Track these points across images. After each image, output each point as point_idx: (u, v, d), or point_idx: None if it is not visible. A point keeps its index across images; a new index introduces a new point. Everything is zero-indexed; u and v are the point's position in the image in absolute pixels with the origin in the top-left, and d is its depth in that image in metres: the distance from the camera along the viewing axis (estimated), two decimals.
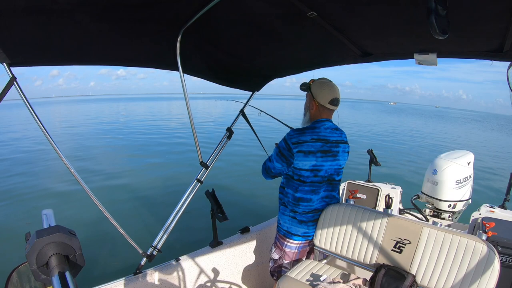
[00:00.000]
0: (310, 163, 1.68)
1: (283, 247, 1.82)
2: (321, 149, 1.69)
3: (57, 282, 0.54)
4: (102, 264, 3.85)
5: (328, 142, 1.72)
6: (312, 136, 1.68)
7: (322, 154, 1.70)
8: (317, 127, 1.72)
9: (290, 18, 1.40)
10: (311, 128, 1.72)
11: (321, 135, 1.70)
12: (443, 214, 3.28)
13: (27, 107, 1.33)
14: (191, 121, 1.79)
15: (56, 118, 30.37)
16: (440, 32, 0.75)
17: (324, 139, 1.71)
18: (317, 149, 1.68)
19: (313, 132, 1.70)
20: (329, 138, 1.72)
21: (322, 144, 1.69)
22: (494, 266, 1.29)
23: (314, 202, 1.76)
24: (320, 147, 1.69)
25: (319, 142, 1.69)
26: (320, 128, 1.72)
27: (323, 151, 1.70)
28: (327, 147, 1.71)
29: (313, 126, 1.73)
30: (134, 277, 1.77)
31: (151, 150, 11.62)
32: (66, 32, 1.22)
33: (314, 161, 1.68)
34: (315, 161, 1.69)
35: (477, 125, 40.65)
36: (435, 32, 0.76)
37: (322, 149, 1.69)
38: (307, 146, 1.66)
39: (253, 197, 6.35)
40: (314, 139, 1.68)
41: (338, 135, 1.77)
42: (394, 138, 17.57)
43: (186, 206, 1.93)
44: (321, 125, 1.73)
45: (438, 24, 0.74)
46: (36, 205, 5.73)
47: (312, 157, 1.67)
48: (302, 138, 1.67)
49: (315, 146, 1.67)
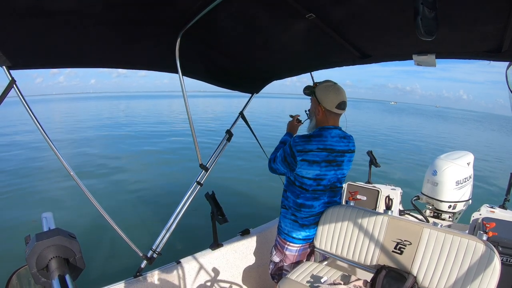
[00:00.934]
0: (313, 172, 1.64)
1: (284, 250, 1.81)
2: (326, 158, 1.64)
3: (57, 285, 0.54)
4: (102, 267, 3.84)
5: (334, 151, 1.66)
6: (318, 145, 1.62)
7: (326, 164, 1.65)
8: (324, 135, 1.65)
9: (289, 20, 1.40)
10: (318, 136, 1.65)
11: (328, 144, 1.64)
12: (443, 215, 3.27)
13: (26, 109, 1.33)
14: (191, 123, 1.79)
15: (56, 116, 30.34)
16: (424, 33, 0.76)
17: (331, 148, 1.65)
18: (322, 159, 1.63)
19: (320, 141, 1.63)
20: (335, 148, 1.66)
21: (328, 154, 1.64)
22: (494, 266, 1.29)
23: (316, 208, 1.74)
24: (325, 156, 1.63)
25: (325, 152, 1.63)
26: (327, 137, 1.65)
27: (328, 161, 1.65)
28: (332, 156, 1.66)
29: (319, 134, 1.66)
30: (134, 280, 1.76)
31: (151, 151, 11.61)
32: (65, 34, 1.23)
33: (318, 170, 1.64)
34: (319, 171, 1.65)
35: (477, 126, 40.68)
36: (420, 33, 0.77)
37: (327, 159, 1.65)
38: (312, 155, 1.61)
39: (253, 199, 6.35)
40: (320, 148, 1.62)
41: (345, 144, 1.71)
42: (394, 138, 17.60)
43: (186, 208, 1.93)
44: (328, 133, 1.67)
45: (424, 26, 0.75)
46: (35, 208, 5.71)
47: (316, 166, 1.63)
48: (308, 146, 1.61)
49: (320, 156, 1.62)
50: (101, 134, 16.36)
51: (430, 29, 0.76)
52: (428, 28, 0.76)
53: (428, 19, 0.75)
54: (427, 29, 0.76)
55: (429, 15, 0.74)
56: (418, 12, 0.74)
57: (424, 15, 0.74)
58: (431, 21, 0.76)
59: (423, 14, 0.74)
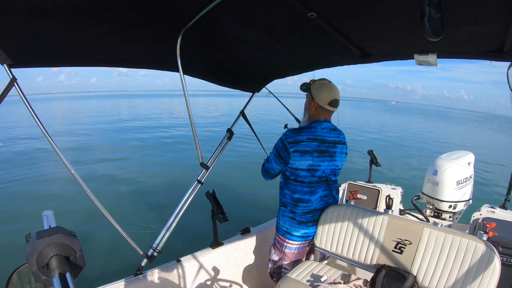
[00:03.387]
0: (306, 162, 1.68)
1: (283, 248, 1.82)
2: (317, 148, 1.69)
3: (58, 283, 0.54)
4: (103, 265, 3.85)
5: (325, 142, 1.71)
6: (308, 135, 1.68)
7: (318, 154, 1.69)
8: (313, 127, 1.72)
9: (290, 19, 1.40)
10: (308, 128, 1.72)
11: (318, 134, 1.70)
12: (444, 215, 3.27)
13: (27, 107, 1.33)
14: (192, 122, 1.80)
15: (57, 114, 30.35)
16: (432, 34, 0.77)
17: (321, 139, 1.70)
18: (314, 148, 1.68)
19: (310, 131, 1.70)
20: (326, 138, 1.72)
21: (319, 144, 1.69)
22: (494, 266, 1.29)
23: (313, 203, 1.76)
24: (316, 146, 1.68)
25: (315, 142, 1.68)
26: (317, 128, 1.72)
27: (320, 151, 1.69)
28: (324, 147, 1.70)
29: (310, 126, 1.73)
30: (134, 278, 1.77)
31: (151, 151, 11.62)
32: (66, 33, 1.23)
33: (310, 160, 1.68)
34: (312, 161, 1.68)
35: (478, 126, 40.60)
36: (427, 34, 0.77)
37: (319, 149, 1.69)
38: (303, 145, 1.67)
39: (254, 198, 6.35)
40: (310, 138, 1.68)
41: (336, 135, 1.77)
42: (395, 138, 17.57)
43: (186, 207, 1.93)
44: (318, 125, 1.73)
45: (431, 27, 0.75)
46: (36, 206, 5.72)
47: (308, 156, 1.67)
48: (298, 137, 1.67)
49: (311, 146, 1.67)
50: (100, 134, 16.35)
51: (436, 29, 0.77)
52: (434, 29, 0.76)
53: (434, 20, 0.75)
54: (434, 30, 0.76)
55: (435, 16, 0.75)
56: (425, 13, 0.74)
57: (431, 16, 0.74)
58: (438, 22, 0.76)
59: (430, 15, 0.74)
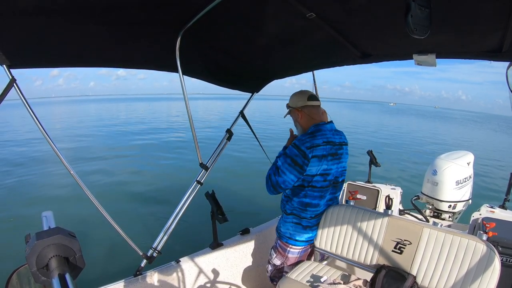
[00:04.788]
0: (321, 167, 1.63)
1: (286, 253, 1.79)
2: (330, 152, 1.65)
3: (57, 284, 0.54)
4: (102, 266, 3.84)
5: (335, 144, 1.68)
6: (323, 139, 1.64)
7: (331, 158, 1.66)
8: (322, 129, 1.67)
9: (289, 19, 1.40)
10: (319, 131, 1.67)
11: (329, 137, 1.67)
12: (443, 215, 3.27)
13: (27, 109, 1.33)
14: (191, 122, 1.79)
15: (56, 118, 30.35)
16: (415, 30, 0.76)
17: (332, 141, 1.67)
18: (328, 152, 1.64)
19: (323, 134, 1.65)
20: (334, 141, 1.69)
21: (331, 147, 1.66)
22: (494, 266, 1.29)
23: (321, 207, 1.75)
24: (329, 150, 1.65)
25: (329, 145, 1.65)
26: (326, 131, 1.68)
27: (332, 154, 1.66)
28: (334, 149, 1.67)
29: (319, 129, 1.68)
30: (134, 279, 1.76)
31: (151, 151, 11.61)
32: (66, 34, 1.22)
33: (325, 165, 1.64)
34: (326, 165, 1.64)
35: (477, 126, 40.66)
36: (410, 30, 0.77)
37: (331, 152, 1.66)
38: (320, 149, 1.61)
39: (253, 199, 6.34)
40: (325, 142, 1.64)
41: (339, 136, 1.75)
42: (395, 138, 17.59)
43: (186, 207, 1.93)
44: (324, 127, 1.69)
45: (414, 23, 0.75)
46: (36, 207, 5.71)
47: (324, 160, 1.63)
48: (315, 141, 1.61)
49: (326, 149, 1.63)
50: (100, 134, 16.35)
51: (421, 27, 0.76)
52: (418, 26, 0.76)
53: (419, 17, 0.75)
54: (418, 27, 0.76)
55: (421, 14, 0.74)
56: (409, 9, 0.74)
57: (415, 12, 0.74)
58: (423, 20, 0.75)
59: (414, 12, 0.74)
